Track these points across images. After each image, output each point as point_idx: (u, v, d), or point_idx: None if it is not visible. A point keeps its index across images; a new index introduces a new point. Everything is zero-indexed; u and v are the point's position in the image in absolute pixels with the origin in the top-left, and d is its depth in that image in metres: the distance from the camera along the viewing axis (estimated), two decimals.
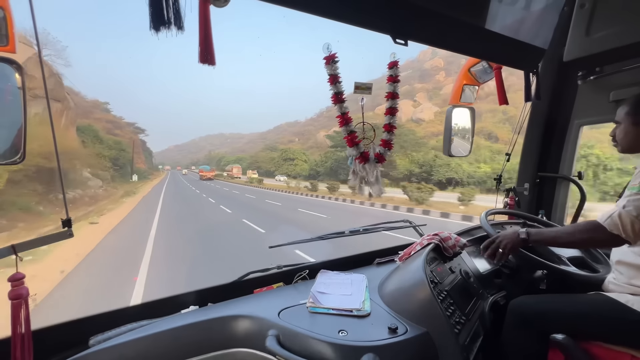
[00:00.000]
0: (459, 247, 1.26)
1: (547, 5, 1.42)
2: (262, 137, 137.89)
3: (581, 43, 1.49)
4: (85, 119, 36.32)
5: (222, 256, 6.50)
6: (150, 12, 0.69)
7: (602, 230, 1.04)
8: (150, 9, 0.69)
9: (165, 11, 0.70)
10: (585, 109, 1.73)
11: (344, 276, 1.19)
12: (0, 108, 0.95)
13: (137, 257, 6.50)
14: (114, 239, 9.05)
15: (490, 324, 1.14)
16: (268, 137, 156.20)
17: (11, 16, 0.88)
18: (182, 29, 0.71)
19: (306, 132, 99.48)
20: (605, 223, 1.04)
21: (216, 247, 7.46)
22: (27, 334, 0.72)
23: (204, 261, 6.26)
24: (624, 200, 1.03)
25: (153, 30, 0.71)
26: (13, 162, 0.96)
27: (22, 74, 0.93)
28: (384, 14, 0.99)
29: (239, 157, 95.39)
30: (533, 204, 1.93)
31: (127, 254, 7.34)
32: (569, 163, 1.83)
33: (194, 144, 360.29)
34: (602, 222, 1.05)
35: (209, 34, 0.80)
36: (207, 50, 0.79)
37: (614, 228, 1.02)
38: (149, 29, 0.71)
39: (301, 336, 0.78)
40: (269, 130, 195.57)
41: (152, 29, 0.71)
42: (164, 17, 0.69)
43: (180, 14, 0.70)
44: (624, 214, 1.00)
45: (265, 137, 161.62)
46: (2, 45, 0.89)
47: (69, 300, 4.76)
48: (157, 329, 0.85)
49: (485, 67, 1.80)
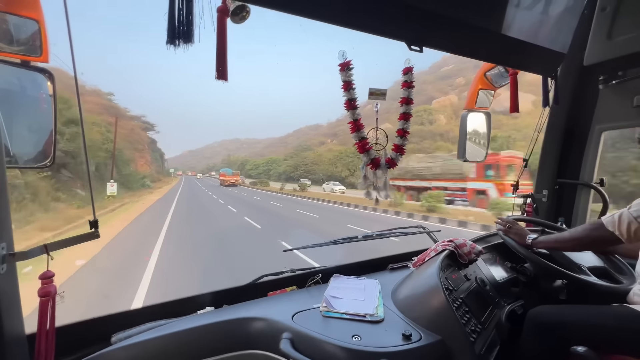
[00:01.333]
0: (474, 254, 1.24)
1: (566, 9, 1.40)
2: (282, 141, 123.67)
3: (602, 47, 1.45)
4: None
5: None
6: (168, 27, 0.73)
7: (602, 228, 1.07)
8: (168, 24, 0.72)
9: (181, 26, 0.73)
10: (607, 114, 1.68)
11: (357, 281, 1.19)
12: (34, 115, 1.01)
13: None
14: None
15: (508, 333, 1.11)
16: (288, 141, 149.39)
17: (45, 29, 0.94)
18: (192, 42, 0.74)
19: (340, 132, 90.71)
20: (605, 221, 1.06)
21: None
22: (52, 330, 0.75)
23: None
24: (635, 201, 1.04)
25: (169, 45, 0.74)
26: (43, 166, 1.01)
27: (53, 83, 0.99)
28: (399, 21, 1.00)
29: (271, 158, 74.81)
30: (552, 211, 1.88)
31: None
32: (590, 169, 1.78)
33: (210, 149, 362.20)
34: (603, 220, 1.07)
35: (225, 49, 0.84)
36: (222, 66, 0.83)
37: (611, 226, 1.04)
38: (166, 44, 0.75)
39: (315, 340, 0.79)
40: (288, 134, 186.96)
41: (168, 43, 0.74)
42: (179, 31, 0.73)
43: (193, 28, 0.73)
44: (625, 213, 1.03)
45: (285, 141, 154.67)
46: (36, 56, 0.95)
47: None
48: (175, 329, 0.87)
49: (501, 72, 1.77)
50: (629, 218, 1.02)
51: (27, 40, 0.94)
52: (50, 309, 0.76)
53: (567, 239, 1.18)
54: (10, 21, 0.90)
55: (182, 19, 0.73)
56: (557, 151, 1.84)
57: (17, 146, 0.96)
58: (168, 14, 0.72)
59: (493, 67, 1.77)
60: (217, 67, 0.83)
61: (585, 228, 1.16)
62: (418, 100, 1.86)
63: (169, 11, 0.72)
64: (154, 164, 52.83)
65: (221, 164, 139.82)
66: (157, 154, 66.80)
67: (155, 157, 60.47)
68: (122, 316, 0.97)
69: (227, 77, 0.85)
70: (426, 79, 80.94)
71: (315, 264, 2.21)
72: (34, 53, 0.94)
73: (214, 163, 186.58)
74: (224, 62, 0.83)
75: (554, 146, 1.85)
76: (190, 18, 0.73)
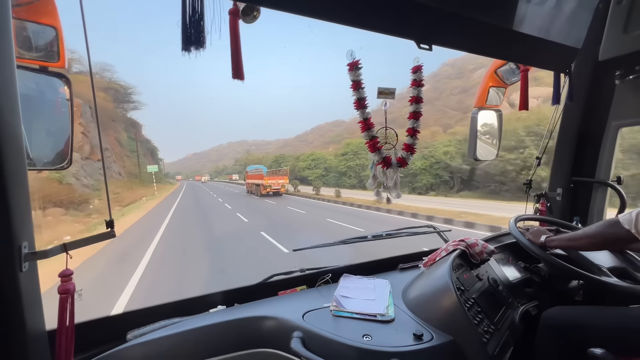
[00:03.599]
0: (486, 253, 1.22)
1: (580, 3, 1.36)
2: (302, 139, 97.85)
3: (618, 41, 1.41)
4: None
5: None
6: (182, 34, 0.74)
7: (617, 226, 1.02)
8: (182, 32, 0.74)
9: (194, 32, 0.74)
10: (624, 110, 1.63)
11: (367, 281, 1.19)
12: (51, 118, 1.05)
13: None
14: None
15: (522, 334, 1.10)
16: (309, 139, 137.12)
17: (62, 35, 0.97)
18: (204, 47, 0.75)
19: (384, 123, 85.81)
20: (622, 218, 1.01)
21: None
22: (71, 326, 0.77)
23: None
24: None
25: (185, 52, 0.75)
26: (61, 168, 1.05)
27: (70, 87, 1.02)
28: (408, 19, 0.99)
29: (315, 154, 44.65)
30: (567, 210, 1.84)
31: None
32: (607, 167, 1.73)
33: (216, 152, 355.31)
34: (620, 217, 1.02)
35: (239, 50, 0.85)
36: (237, 66, 0.84)
37: (627, 223, 0.99)
38: (181, 50, 0.76)
39: (326, 339, 0.79)
40: (306, 132, 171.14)
41: (184, 50, 0.75)
42: (193, 38, 0.73)
43: (204, 32, 0.74)
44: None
45: (306, 139, 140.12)
46: (53, 62, 0.99)
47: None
48: (189, 327, 0.89)
49: (512, 68, 1.74)
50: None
51: (46, 46, 0.97)
52: (70, 306, 0.78)
53: (580, 236, 1.14)
54: (30, 29, 0.93)
55: (195, 24, 0.74)
56: (571, 149, 1.79)
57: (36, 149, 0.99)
58: (181, 21, 0.73)
59: (504, 63, 1.74)
60: (233, 67, 0.84)
61: (600, 225, 1.10)
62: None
63: (182, 18, 0.73)
64: (131, 160, 33.71)
65: (236, 166, 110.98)
66: (146, 147, 47.42)
67: (144, 151, 41.33)
68: (137, 314, 1.00)
69: (244, 76, 0.86)
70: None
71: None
72: (51, 59, 0.98)
73: (224, 165, 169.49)
74: (239, 62, 0.84)
75: (568, 144, 1.80)
76: (202, 23, 0.74)
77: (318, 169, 41.47)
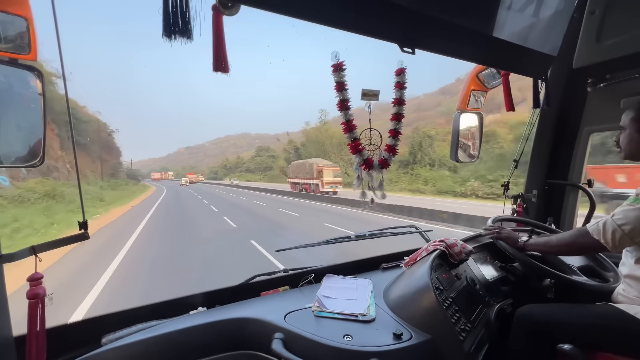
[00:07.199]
0: (465, 253, 1.26)
1: (556, 12, 1.42)
2: (321, 130, 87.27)
3: (591, 50, 1.48)
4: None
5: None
6: (163, 20, 0.72)
7: (587, 236, 1.10)
8: (163, 18, 0.72)
9: (177, 21, 0.72)
10: (595, 116, 1.72)
11: (350, 281, 1.20)
12: (22, 113, 1.00)
13: None
14: None
15: (496, 332, 1.14)
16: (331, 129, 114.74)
17: (34, 26, 0.93)
18: (192, 39, 0.73)
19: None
20: (590, 229, 1.09)
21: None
22: (42, 332, 0.74)
23: None
24: (618, 209, 1.06)
25: (165, 38, 0.74)
26: (32, 165, 1.00)
27: (42, 81, 0.98)
28: (391, 23, 1.00)
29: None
30: (542, 211, 1.92)
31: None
32: (579, 170, 1.81)
33: (215, 145, 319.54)
34: (589, 228, 1.10)
35: (222, 43, 0.83)
36: (221, 58, 0.82)
37: (596, 234, 1.07)
38: (162, 36, 0.74)
39: (307, 340, 0.80)
40: (325, 121, 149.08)
41: (165, 36, 0.73)
42: (175, 26, 0.72)
43: (191, 24, 0.73)
44: (609, 221, 1.05)
45: (329, 129, 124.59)
46: (24, 54, 0.94)
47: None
48: (166, 330, 0.87)
49: (493, 73, 1.79)
50: (612, 226, 1.03)
51: (15, 37, 0.92)
52: (40, 311, 0.75)
53: (554, 244, 1.21)
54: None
55: (177, 12, 0.73)
56: (547, 152, 1.87)
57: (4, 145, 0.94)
58: (162, 8, 0.72)
59: (485, 68, 1.79)
60: (215, 59, 0.82)
61: (572, 234, 1.17)
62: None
63: (163, 6, 0.71)
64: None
65: (261, 157, 75.64)
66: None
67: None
68: (113, 317, 0.97)
69: (228, 68, 0.84)
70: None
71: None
72: (22, 51, 0.93)
73: (231, 162, 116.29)
74: (223, 54, 0.83)
75: (544, 147, 1.88)
76: (187, 13, 0.73)
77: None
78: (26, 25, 0.92)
